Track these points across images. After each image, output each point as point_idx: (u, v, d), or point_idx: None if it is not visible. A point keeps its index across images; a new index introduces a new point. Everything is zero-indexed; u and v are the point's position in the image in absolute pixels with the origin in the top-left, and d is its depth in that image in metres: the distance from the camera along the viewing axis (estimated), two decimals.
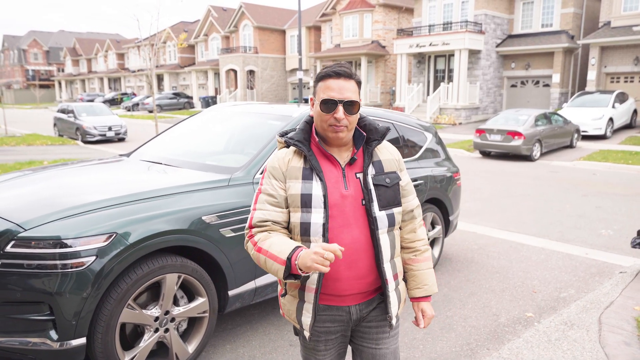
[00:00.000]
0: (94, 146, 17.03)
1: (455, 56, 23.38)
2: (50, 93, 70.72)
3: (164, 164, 3.86)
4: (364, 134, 1.85)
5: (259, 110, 4.34)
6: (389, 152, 1.90)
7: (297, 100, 32.32)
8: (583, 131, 17.11)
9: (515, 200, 8.59)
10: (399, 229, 1.94)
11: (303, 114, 3.94)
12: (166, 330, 2.96)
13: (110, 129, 18.34)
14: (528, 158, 13.78)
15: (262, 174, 1.86)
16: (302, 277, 1.70)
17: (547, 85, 24.16)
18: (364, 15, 29.20)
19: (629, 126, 19.45)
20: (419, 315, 1.93)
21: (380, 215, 1.77)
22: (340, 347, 1.93)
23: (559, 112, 16.52)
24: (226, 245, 3.14)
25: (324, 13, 32.87)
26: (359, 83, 1.77)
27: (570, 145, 15.85)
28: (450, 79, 25.15)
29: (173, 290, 2.96)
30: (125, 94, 49.99)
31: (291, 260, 1.59)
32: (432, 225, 4.97)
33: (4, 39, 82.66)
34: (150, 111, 37.13)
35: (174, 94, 40.31)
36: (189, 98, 40.87)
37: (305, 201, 1.73)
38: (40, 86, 70.56)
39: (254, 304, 4.02)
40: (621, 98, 18.43)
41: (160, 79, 49.62)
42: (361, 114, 1.88)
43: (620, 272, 4.87)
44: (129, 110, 39.72)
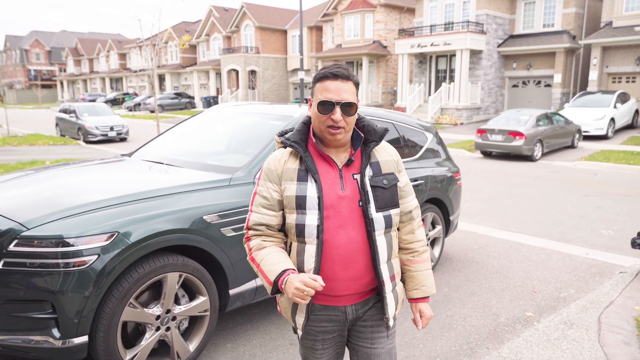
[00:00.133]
0: (95, 146, 17.07)
1: (457, 56, 23.38)
2: (52, 93, 70.87)
3: (166, 163, 3.88)
4: (362, 135, 1.85)
5: (260, 111, 4.36)
6: (388, 153, 1.89)
7: (299, 100, 32.33)
8: (584, 131, 17.10)
9: (516, 200, 8.59)
10: (397, 230, 1.94)
11: (304, 114, 3.95)
12: (167, 328, 2.98)
13: (112, 129, 18.39)
14: (529, 158, 13.78)
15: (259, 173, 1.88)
16: None
17: (549, 85, 24.15)
18: (365, 15, 29.21)
19: (630, 126, 19.44)
20: (416, 316, 1.93)
21: (377, 217, 1.77)
22: (338, 347, 1.95)
23: (560, 112, 16.52)
24: (227, 244, 3.16)
25: (326, 13, 32.89)
26: (356, 84, 1.77)
27: (572, 146, 15.84)
28: (451, 79, 25.15)
29: (174, 289, 2.98)
30: (127, 94, 50.06)
31: (278, 283, 1.68)
32: (433, 225, 4.99)
33: (6, 39, 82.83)
34: (152, 111, 37.19)
35: (175, 94, 40.36)
36: (191, 98, 40.91)
37: (300, 203, 1.75)
38: (42, 86, 70.72)
39: (255, 303, 4.04)
40: (623, 98, 18.42)
41: (162, 79, 49.69)
42: (360, 115, 1.88)
43: (621, 272, 4.88)
44: (130, 110, 39.79)
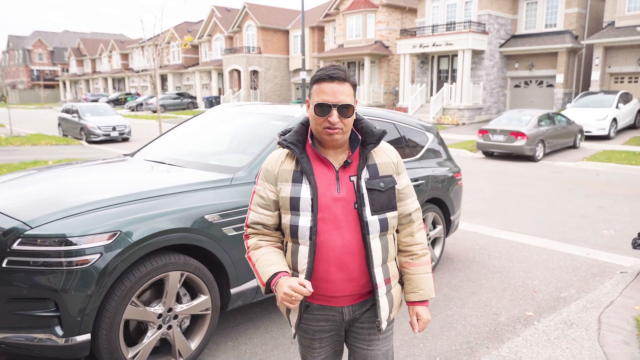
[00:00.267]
0: (98, 146, 17.11)
1: (459, 56, 23.37)
2: (54, 93, 71.06)
3: (168, 163, 3.90)
4: (360, 137, 1.84)
5: (262, 111, 4.38)
6: (386, 155, 1.87)
7: (301, 100, 32.36)
8: (587, 131, 17.09)
9: (518, 200, 8.60)
10: (397, 232, 1.93)
11: (304, 114, 3.97)
12: (169, 327, 3.01)
13: (114, 129, 18.43)
14: (531, 158, 13.78)
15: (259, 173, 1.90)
16: None
17: (551, 85, 24.13)
18: (367, 16, 29.22)
19: (632, 126, 19.40)
20: (413, 319, 1.90)
21: (372, 220, 1.77)
22: (336, 345, 1.97)
23: (562, 113, 16.51)
24: (228, 243, 3.19)
25: (328, 13, 32.90)
26: (354, 85, 1.77)
27: (574, 146, 15.83)
28: (453, 79, 25.14)
29: (176, 288, 3.00)
30: (129, 94, 50.16)
31: (270, 285, 1.72)
32: (433, 225, 5.00)
33: (8, 39, 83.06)
34: (154, 111, 37.25)
35: (177, 94, 40.42)
36: (193, 98, 40.97)
37: (294, 204, 1.76)
38: (45, 86, 70.91)
39: (256, 302, 4.06)
40: (625, 98, 18.39)
41: (164, 79, 49.77)
42: (359, 116, 1.88)
43: (621, 272, 4.89)
44: (132, 111, 39.86)
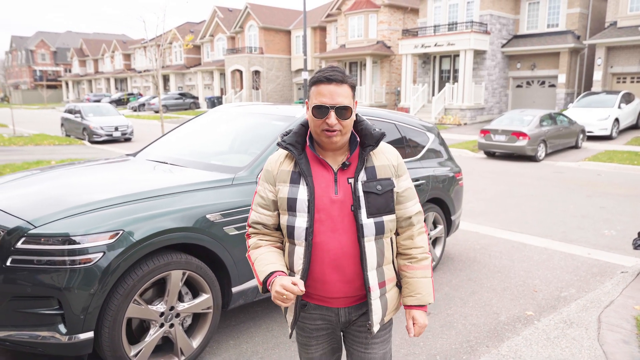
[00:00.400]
0: (100, 146, 17.17)
1: (461, 56, 23.37)
2: (57, 93, 71.27)
3: (170, 163, 3.93)
4: (358, 139, 1.83)
5: (263, 111, 4.41)
6: (386, 158, 1.85)
7: (303, 100, 32.40)
8: (589, 132, 17.08)
9: (519, 200, 8.61)
10: (396, 235, 1.92)
11: (305, 115, 3.99)
12: (171, 325, 3.03)
13: (116, 129, 18.49)
14: (533, 158, 13.78)
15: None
16: None
17: (553, 85, 24.10)
18: (369, 16, 29.23)
19: (635, 127, 19.37)
20: (409, 323, 1.87)
21: (367, 223, 1.76)
22: (333, 342, 1.98)
23: (564, 113, 16.49)
24: (230, 242, 3.21)
25: (329, 13, 32.93)
26: (352, 87, 1.75)
27: (576, 146, 15.82)
28: (455, 80, 25.14)
29: (178, 287, 3.03)
30: (131, 94, 50.28)
31: (266, 284, 1.74)
32: (434, 224, 5.02)
33: (11, 39, 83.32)
34: (157, 111, 37.33)
35: (180, 94, 40.50)
36: (195, 98, 41.05)
37: (291, 205, 1.77)
38: (48, 86, 71.07)
39: (257, 300, 4.09)
40: (627, 98, 18.37)
41: (166, 79, 49.86)
42: (360, 117, 1.87)
43: (622, 272, 4.90)
44: (135, 111, 39.95)
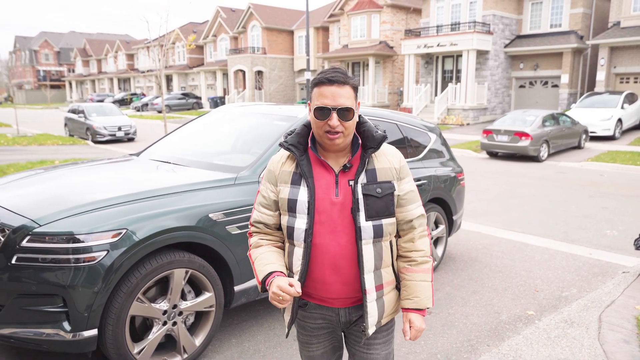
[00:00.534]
0: (103, 146, 17.23)
1: (463, 57, 23.36)
2: (60, 93, 71.50)
3: (173, 163, 3.96)
4: (360, 141, 1.81)
5: (266, 111, 4.44)
6: (388, 161, 1.82)
7: (305, 100, 32.42)
8: (591, 132, 17.06)
9: (521, 200, 8.61)
10: (398, 237, 1.90)
11: (308, 115, 4.02)
12: (174, 323, 3.06)
13: (119, 129, 18.55)
14: (535, 159, 13.77)
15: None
16: None
17: (556, 85, 24.07)
18: (371, 16, 29.25)
19: (638, 127, 19.33)
20: (405, 326, 1.83)
21: (366, 226, 1.75)
22: (334, 341, 1.99)
23: (566, 113, 16.48)
24: (232, 241, 3.24)
25: (332, 14, 32.96)
26: (354, 88, 1.74)
27: (578, 146, 15.80)
28: (458, 80, 25.13)
29: (181, 285, 3.05)
30: (134, 94, 50.40)
31: (265, 283, 1.76)
32: (436, 224, 5.04)
33: (15, 39, 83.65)
34: (159, 111, 37.42)
35: (182, 94, 40.58)
36: (198, 98, 41.12)
37: (291, 206, 1.78)
38: (51, 86, 71.37)
39: (260, 299, 4.11)
40: (630, 99, 18.34)
41: (169, 79, 49.98)
42: (363, 119, 1.85)
43: (623, 272, 4.90)
44: (138, 111, 40.05)
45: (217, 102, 37.37)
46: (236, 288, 3.34)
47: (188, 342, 3.14)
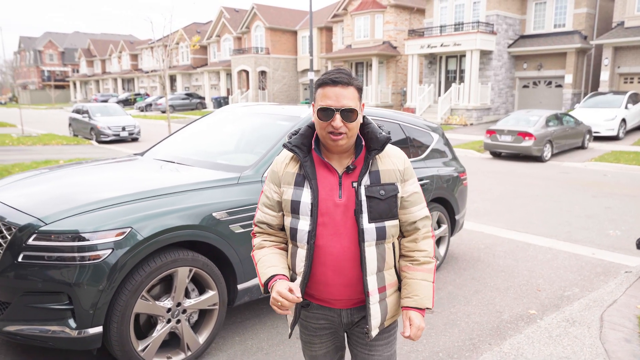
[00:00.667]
0: (108, 146, 17.31)
1: (467, 57, 23.34)
2: (65, 93, 71.79)
3: (177, 162, 3.99)
4: (363, 142, 1.81)
5: (269, 111, 4.46)
6: (392, 162, 1.81)
7: (309, 100, 32.46)
8: (595, 132, 17.02)
9: (525, 200, 8.61)
10: (401, 237, 1.90)
11: (311, 115, 4.04)
12: (178, 321, 3.09)
13: (123, 129, 18.62)
14: (539, 159, 13.75)
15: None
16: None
17: (560, 85, 24.02)
18: (375, 16, 29.25)
19: None
20: (405, 323, 1.78)
21: (369, 228, 1.75)
22: (336, 341, 2.00)
23: (570, 113, 16.45)
24: (235, 240, 3.27)
25: (336, 14, 32.97)
26: (359, 89, 1.73)
27: (582, 146, 15.77)
28: (461, 80, 25.10)
29: (184, 283, 3.08)
30: (138, 94, 50.55)
31: (268, 285, 1.76)
32: (438, 224, 5.06)
33: (20, 40, 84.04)
34: (163, 111, 37.52)
35: (186, 94, 40.68)
36: (202, 99, 41.21)
37: (294, 207, 1.78)
38: (56, 87, 71.60)
39: (263, 298, 4.13)
40: (634, 99, 18.29)
41: (173, 79, 50.10)
42: (367, 120, 1.84)
43: (626, 272, 4.91)
44: (142, 111, 40.17)
45: (221, 102, 37.45)
46: (239, 286, 3.37)
47: (192, 340, 3.17)
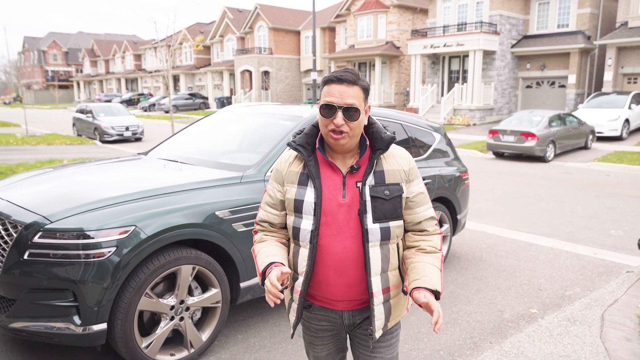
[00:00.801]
0: (111, 146, 17.38)
1: (470, 57, 23.32)
2: (69, 93, 72.04)
3: (180, 162, 4.03)
4: (368, 142, 1.79)
5: (272, 111, 4.49)
6: (397, 163, 1.79)
7: (312, 100, 32.50)
8: (598, 132, 16.99)
9: (527, 200, 8.62)
10: (404, 238, 1.88)
11: (314, 115, 4.07)
12: (181, 318, 3.12)
13: (127, 129, 18.70)
14: (541, 159, 13.74)
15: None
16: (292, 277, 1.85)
17: (563, 86, 23.97)
18: (378, 16, 29.26)
19: None
20: (421, 300, 1.61)
21: (373, 228, 1.73)
22: (338, 342, 2.00)
23: (573, 113, 16.42)
24: (238, 239, 3.30)
25: (339, 14, 33.00)
26: (364, 89, 1.71)
27: (585, 147, 15.75)
28: (464, 80, 25.09)
29: (188, 281, 3.11)
30: (142, 94, 50.70)
31: (265, 274, 1.72)
32: (440, 223, 5.07)
33: (24, 40, 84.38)
34: (167, 111, 37.63)
35: (189, 94, 40.79)
36: (205, 99, 41.31)
37: (297, 207, 1.77)
38: (59, 87, 71.90)
39: (265, 296, 4.17)
40: (638, 99, 18.24)
41: (176, 79, 50.22)
42: (372, 120, 1.82)
43: (627, 272, 4.91)
44: (145, 111, 40.29)
45: (224, 102, 37.53)
46: (242, 285, 3.40)
47: (195, 337, 3.20)
